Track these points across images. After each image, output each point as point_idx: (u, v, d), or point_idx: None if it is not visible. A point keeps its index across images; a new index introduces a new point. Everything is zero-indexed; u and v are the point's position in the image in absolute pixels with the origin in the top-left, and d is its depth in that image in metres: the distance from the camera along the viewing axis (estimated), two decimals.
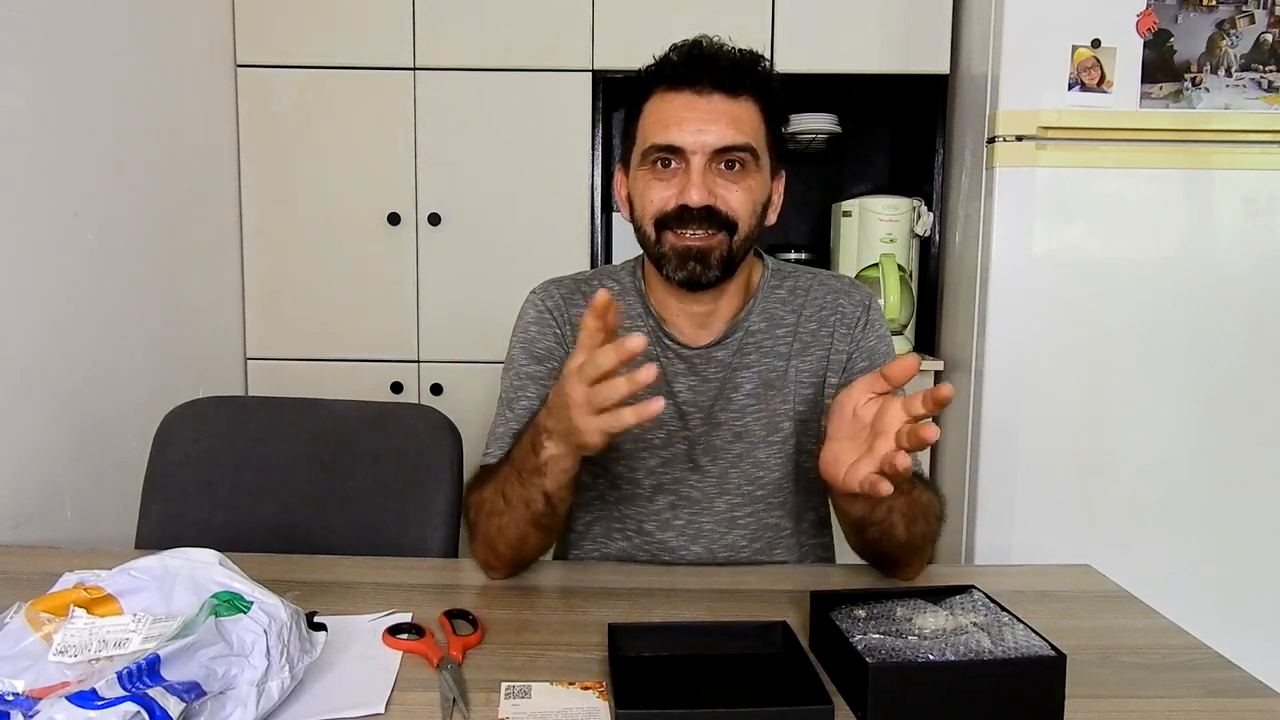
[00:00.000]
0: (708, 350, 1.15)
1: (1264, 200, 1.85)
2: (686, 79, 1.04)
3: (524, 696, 0.77)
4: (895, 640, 0.78)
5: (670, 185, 1.05)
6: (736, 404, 1.14)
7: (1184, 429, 1.88)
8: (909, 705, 0.73)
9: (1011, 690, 0.74)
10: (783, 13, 2.11)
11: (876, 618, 0.83)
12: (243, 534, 1.23)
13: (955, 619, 0.81)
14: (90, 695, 0.61)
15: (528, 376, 1.15)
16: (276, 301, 2.18)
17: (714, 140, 1.03)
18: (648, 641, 0.85)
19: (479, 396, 2.10)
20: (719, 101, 1.04)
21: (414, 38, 2.11)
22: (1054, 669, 0.74)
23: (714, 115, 1.03)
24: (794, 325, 1.16)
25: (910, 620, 0.81)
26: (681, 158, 1.04)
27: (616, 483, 1.14)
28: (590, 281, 1.21)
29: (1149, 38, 1.81)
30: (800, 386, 1.15)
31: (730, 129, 1.03)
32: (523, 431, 1.07)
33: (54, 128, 1.45)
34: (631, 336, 0.82)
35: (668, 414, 1.13)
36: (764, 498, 1.14)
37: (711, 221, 1.04)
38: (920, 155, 2.25)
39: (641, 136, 1.08)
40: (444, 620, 0.89)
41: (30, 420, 1.39)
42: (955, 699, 0.73)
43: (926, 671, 0.74)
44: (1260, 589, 1.90)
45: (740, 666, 0.83)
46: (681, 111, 1.04)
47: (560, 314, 1.17)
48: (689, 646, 0.85)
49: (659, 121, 1.05)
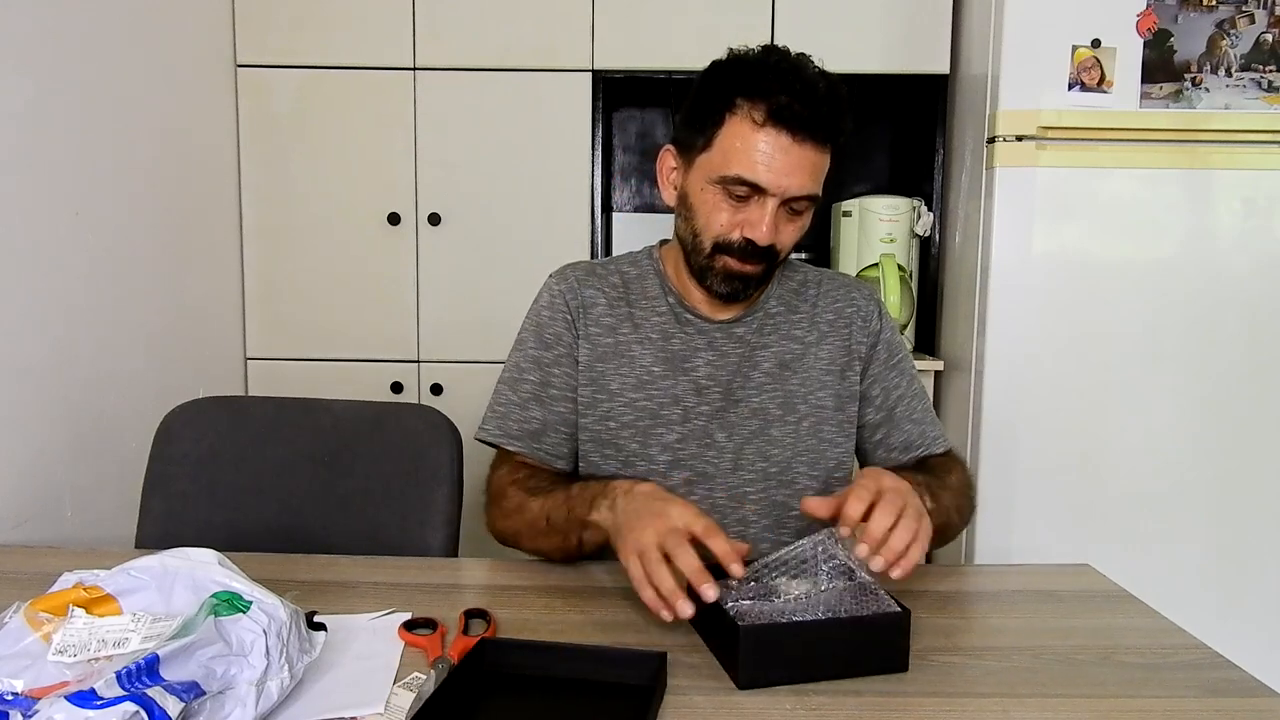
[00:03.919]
0: (728, 325, 1.18)
1: (1264, 200, 1.85)
2: (787, 122, 1.03)
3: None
4: (763, 604, 0.85)
5: (739, 214, 1.07)
6: (754, 382, 1.17)
7: (1184, 429, 1.88)
8: (772, 661, 0.80)
9: (862, 642, 0.83)
10: (783, 13, 2.11)
11: (748, 583, 0.88)
12: (243, 534, 1.23)
13: (817, 583, 0.88)
14: (89, 695, 0.61)
15: (533, 360, 1.18)
16: (276, 301, 2.18)
17: (795, 188, 1.05)
18: (521, 659, 0.82)
19: (479, 396, 2.08)
20: (809, 151, 1.04)
21: (414, 38, 2.11)
22: (898, 623, 0.83)
23: (802, 165, 1.04)
24: (810, 314, 1.21)
25: (777, 584, 0.88)
26: (759, 193, 1.05)
27: (631, 460, 1.16)
28: (608, 265, 1.24)
29: (1149, 38, 1.81)
30: (819, 373, 1.18)
31: (809, 180, 1.06)
32: (544, 427, 1.16)
33: (54, 128, 1.45)
34: (682, 605, 0.83)
35: (685, 389, 1.16)
36: (776, 475, 1.16)
37: (764, 254, 1.09)
38: (920, 155, 2.25)
39: (720, 155, 1.06)
40: (461, 618, 0.90)
41: (30, 420, 1.39)
42: (813, 650, 0.81)
43: (791, 630, 0.81)
44: (1260, 589, 1.90)
45: (606, 695, 0.78)
46: (774, 152, 1.03)
47: (573, 295, 1.19)
48: (562, 670, 0.80)
49: (747, 154, 1.04)
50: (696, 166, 1.10)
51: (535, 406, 1.16)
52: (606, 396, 1.16)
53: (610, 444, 1.16)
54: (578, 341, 1.17)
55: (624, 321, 1.18)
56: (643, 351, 1.17)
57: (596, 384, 1.16)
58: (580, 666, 0.80)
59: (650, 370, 1.16)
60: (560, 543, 1.04)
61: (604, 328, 1.18)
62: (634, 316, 1.19)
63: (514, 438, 1.16)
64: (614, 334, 1.18)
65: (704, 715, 0.75)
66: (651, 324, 1.18)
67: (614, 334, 1.18)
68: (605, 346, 1.17)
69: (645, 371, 1.16)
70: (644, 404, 1.15)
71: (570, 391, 1.17)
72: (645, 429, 1.15)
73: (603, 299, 1.19)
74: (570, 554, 1.05)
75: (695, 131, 1.09)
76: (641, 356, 1.17)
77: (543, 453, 1.16)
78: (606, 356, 1.17)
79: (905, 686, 0.80)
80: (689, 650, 0.85)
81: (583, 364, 1.17)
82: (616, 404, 1.16)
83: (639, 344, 1.17)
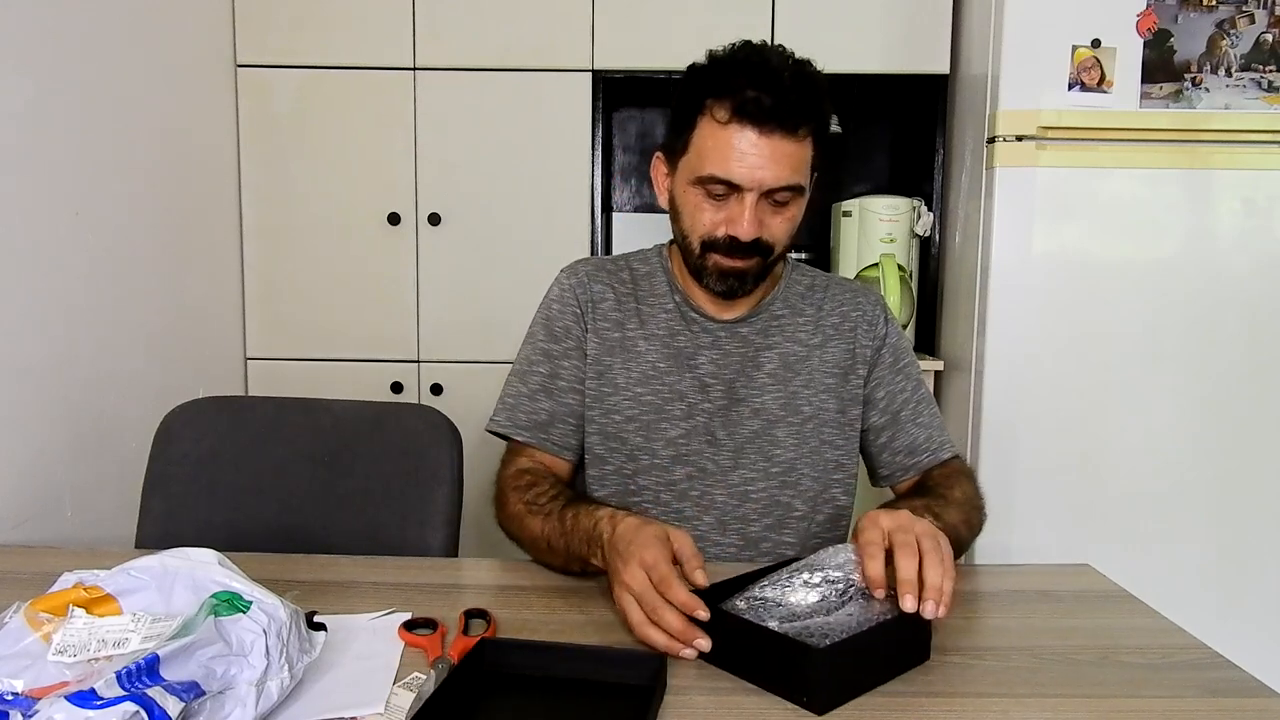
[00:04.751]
0: (733, 325, 1.19)
1: (1264, 200, 1.85)
2: (753, 116, 1.03)
3: None
4: (795, 623, 0.81)
5: (720, 211, 1.08)
6: (758, 381, 1.18)
7: (1184, 429, 1.88)
8: (843, 678, 0.77)
9: (900, 640, 0.83)
10: (783, 13, 2.11)
11: (757, 605, 0.84)
12: (243, 534, 1.23)
13: (812, 591, 0.85)
14: (89, 695, 0.61)
15: (543, 353, 1.20)
16: (276, 301, 2.18)
17: (771, 180, 1.05)
18: (521, 659, 0.81)
19: (479, 396, 2.09)
20: (780, 142, 1.04)
21: (414, 38, 2.11)
22: (918, 618, 0.81)
23: (775, 156, 1.04)
24: (815, 316, 1.22)
25: (783, 601, 0.84)
26: (735, 189, 1.06)
27: (635, 454, 1.17)
28: (618, 261, 1.26)
29: (1149, 38, 1.81)
30: (823, 375, 1.19)
31: (786, 170, 1.05)
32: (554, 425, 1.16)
33: (54, 128, 1.45)
34: (700, 642, 0.81)
35: (689, 386, 1.17)
36: (777, 475, 1.17)
37: (754, 249, 1.09)
38: (920, 155, 2.25)
39: (696, 156, 1.08)
40: (461, 618, 0.90)
41: (30, 420, 1.39)
42: (869, 659, 0.80)
43: (856, 644, 0.79)
44: (1260, 589, 1.90)
45: (606, 695, 0.78)
46: (743, 147, 1.04)
47: (582, 290, 1.21)
48: (562, 670, 0.80)
49: (718, 151, 1.05)
50: (679, 169, 1.12)
51: (544, 398, 1.18)
52: (612, 390, 1.17)
53: (615, 437, 1.17)
54: (586, 335, 1.19)
55: (631, 317, 1.20)
56: (648, 347, 1.18)
57: (603, 377, 1.18)
58: (580, 666, 0.80)
59: (655, 366, 1.17)
60: (562, 564, 1.03)
61: (612, 322, 1.19)
62: (641, 313, 1.20)
63: (522, 428, 1.17)
64: (621, 329, 1.19)
65: (704, 715, 0.75)
66: (658, 321, 1.19)
67: (621, 329, 1.19)
68: (612, 341, 1.19)
69: (650, 367, 1.17)
70: (648, 399, 1.16)
71: (579, 384, 1.18)
72: (649, 423, 1.16)
73: (611, 294, 1.21)
74: (572, 574, 1.04)
75: (675, 136, 1.12)
76: (647, 352, 1.18)
77: (550, 444, 1.17)
78: (613, 351, 1.18)
79: (905, 687, 0.80)
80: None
81: (591, 357, 1.18)
82: (622, 398, 1.17)
83: (645, 340, 1.18)
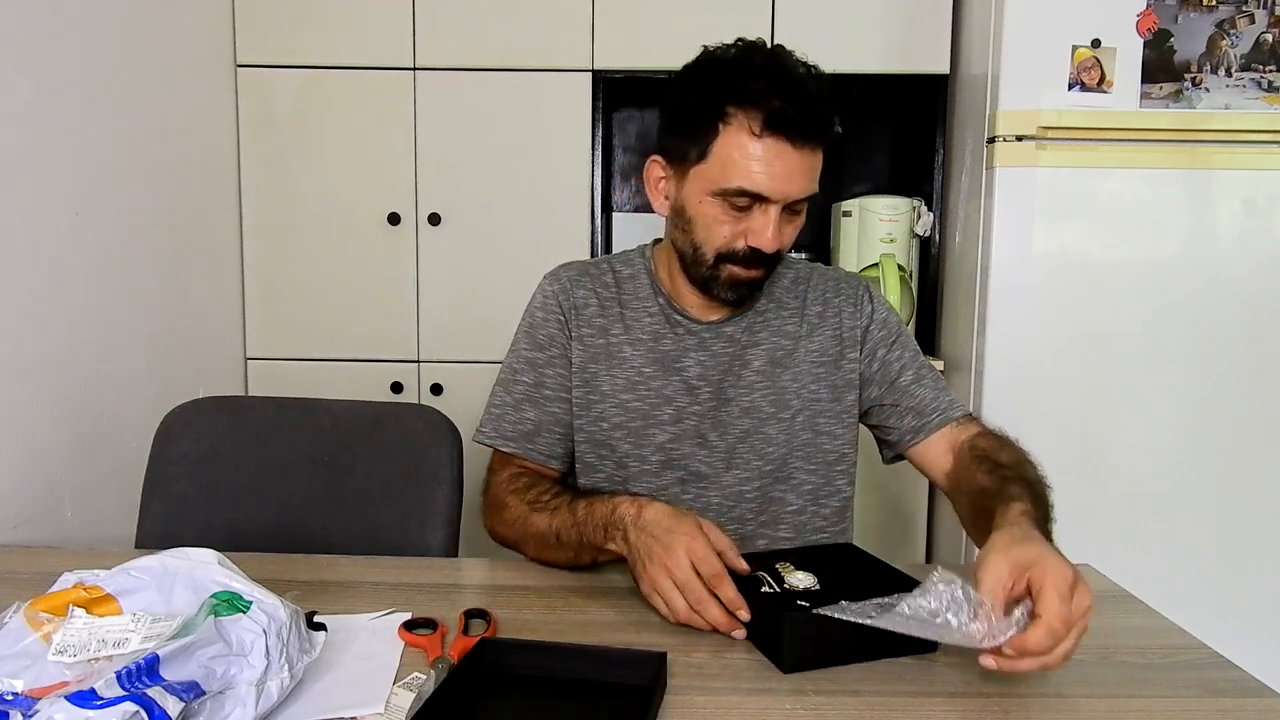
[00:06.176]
0: (718, 325, 1.18)
1: (1264, 200, 1.85)
2: (784, 129, 1.01)
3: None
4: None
5: (740, 223, 1.06)
6: (745, 380, 1.17)
7: (1184, 429, 1.88)
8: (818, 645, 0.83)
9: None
10: (783, 13, 2.11)
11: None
12: (243, 534, 1.23)
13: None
14: (89, 695, 0.61)
15: (527, 362, 1.19)
16: (276, 301, 2.18)
17: (797, 192, 1.04)
18: (521, 659, 0.81)
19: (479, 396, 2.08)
20: (808, 154, 1.03)
21: (414, 38, 2.11)
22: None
23: (802, 169, 1.03)
24: (799, 308, 1.21)
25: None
26: (760, 200, 1.04)
27: (624, 461, 1.16)
28: (601, 264, 1.25)
29: (1149, 38, 1.81)
30: (812, 366, 1.18)
31: (808, 180, 1.05)
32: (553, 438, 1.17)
33: (54, 128, 1.45)
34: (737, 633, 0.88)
35: (676, 389, 1.16)
36: (771, 473, 1.16)
37: (769, 258, 1.08)
38: (920, 155, 2.25)
39: (719, 168, 1.03)
40: (461, 618, 0.90)
41: (30, 420, 1.39)
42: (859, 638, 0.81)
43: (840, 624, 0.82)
44: (1260, 589, 1.90)
45: (605, 695, 0.78)
46: (774, 160, 1.02)
47: (565, 296, 1.19)
48: (562, 670, 0.80)
49: (747, 164, 1.02)
50: (692, 178, 1.07)
51: (529, 407, 1.17)
52: (599, 397, 1.16)
53: (604, 444, 1.16)
54: (570, 342, 1.17)
55: (615, 322, 1.18)
56: (634, 352, 1.17)
57: (589, 385, 1.16)
58: (580, 666, 0.80)
59: (641, 371, 1.16)
60: (572, 558, 1.03)
61: (596, 329, 1.18)
62: (625, 317, 1.19)
63: (508, 439, 1.16)
64: (605, 335, 1.18)
65: (704, 715, 0.75)
66: (642, 325, 1.18)
67: (605, 335, 1.18)
68: (597, 348, 1.17)
69: (636, 372, 1.16)
70: (635, 405, 1.15)
71: (564, 392, 1.17)
72: (637, 429, 1.15)
73: (595, 300, 1.19)
74: (581, 567, 1.04)
75: (686, 141, 1.06)
76: (633, 358, 1.17)
77: (536, 453, 1.16)
78: (598, 357, 1.17)
79: (905, 686, 0.80)
80: (689, 650, 0.85)
81: (575, 365, 1.17)
82: (608, 405, 1.16)
83: (630, 345, 1.17)
